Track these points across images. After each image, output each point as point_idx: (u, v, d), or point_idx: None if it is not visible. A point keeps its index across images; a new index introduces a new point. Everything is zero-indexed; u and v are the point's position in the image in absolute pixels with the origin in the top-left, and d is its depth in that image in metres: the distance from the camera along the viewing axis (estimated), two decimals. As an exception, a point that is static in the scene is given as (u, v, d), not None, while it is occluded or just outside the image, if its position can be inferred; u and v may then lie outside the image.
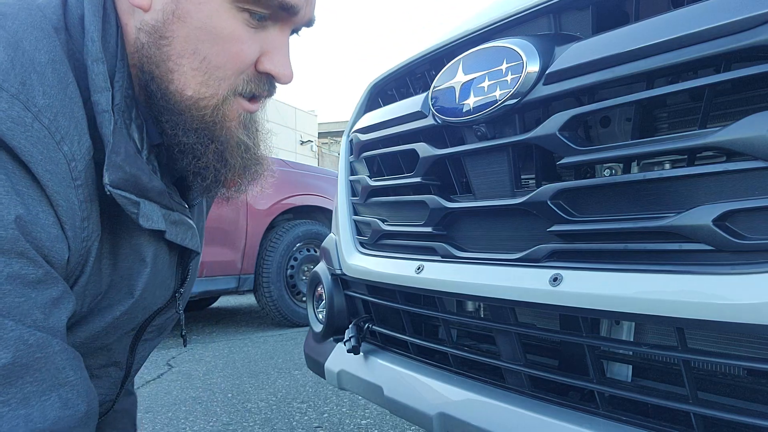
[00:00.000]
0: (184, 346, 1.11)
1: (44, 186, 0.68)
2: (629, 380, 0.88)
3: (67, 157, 0.71)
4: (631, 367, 0.88)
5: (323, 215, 4.64)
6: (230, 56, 0.80)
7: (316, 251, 4.47)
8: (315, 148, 30.88)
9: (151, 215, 0.81)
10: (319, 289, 1.48)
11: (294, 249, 4.38)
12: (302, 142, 29.41)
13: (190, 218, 0.93)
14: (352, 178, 1.39)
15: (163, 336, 1.07)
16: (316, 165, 19.21)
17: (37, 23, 0.74)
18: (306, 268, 4.43)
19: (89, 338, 0.85)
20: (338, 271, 1.36)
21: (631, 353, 0.86)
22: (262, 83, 0.86)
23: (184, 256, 0.96)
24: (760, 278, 0.64)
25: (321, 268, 1.48)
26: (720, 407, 0.70)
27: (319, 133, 32.67)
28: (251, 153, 0.91)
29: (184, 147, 0.84)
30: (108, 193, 0.74)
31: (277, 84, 0.87)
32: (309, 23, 0.87)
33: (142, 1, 0.78)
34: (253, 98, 0.87)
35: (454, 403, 1.00)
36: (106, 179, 0.73)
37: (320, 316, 1.43)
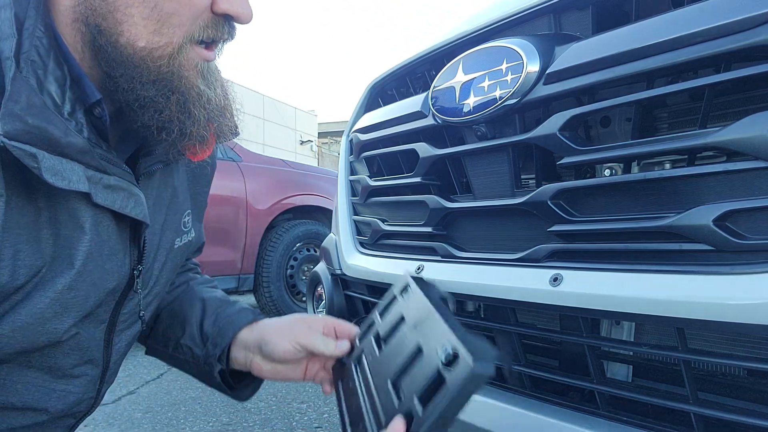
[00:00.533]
0: (142, 326, 0.98)
1: None
2: (629, 380, 0.88)
3: None
4: (631, 367, 0.88)
5: (323, 215, 4.63)
6: (183, 1, 0.76)
7: (316, 251, 4.47)
8: (315, 148, 30.89)
9: (63, 172, 0.73)
10: (319, 289, 1.48)
11: (294, 249, 4.38)
12: (302, 142, 29.42)
13: (135, 185, 0.85)
14: (352, 178, 1.39)
15: (139, 324, 0.98)
16: (316, 165, 19.23)
17: None
18: (306, 268, 4.42)
19: (36, 320, 0.78)
20: (338, 271, 1.36)
21: (631, 353, 0.86)
22: (221, 26, 0.80)
23: (137, 229, 0.88)
24: (760, 278, 0.64)
25: (321, 268, 1.48)
26: (720, 407, 0.70)
27: (319, 133, 32.69)
28: (213, 104, 0.84)
29: (144, 101, 0.79)
30: (1, 144, 0.67)
31: (236, 25, 0.82)
32: None
33: None
34: (209, 45, 0.82)
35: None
36: None
37: (320, 316, 1.43)
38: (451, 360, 0.64)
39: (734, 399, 0.77)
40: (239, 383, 1.07)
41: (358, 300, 1.34)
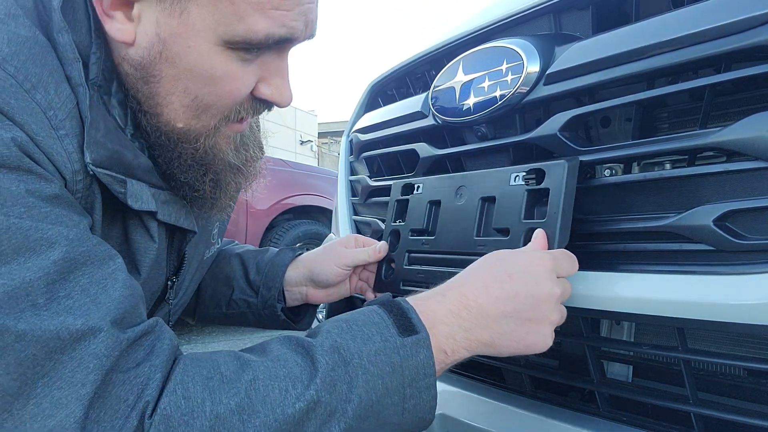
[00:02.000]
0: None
1: (27, 131, 0.64)
2: (629, 380, 0.88)
3: (41, 106, 0.66)
4: (631, 367, 0.88)
5: (323, 215, 4.63)
6: (223, 95, 0.76)
7: (315, 251, 4.46)
8: (315, 148, 30.90)
9: (140, 195, 0.76)
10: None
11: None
12: (302, 142, 29.43)
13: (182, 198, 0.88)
14: (352, 178, 1.39)
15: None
16: (316, 165, 19.23)
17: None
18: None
19: None
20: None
21: (631, 353, 0.86)
22: (259, 108, 0.82)
23: (175, 238, 0.91)
24: (760, 278, 0.64)
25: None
26: (720, 407, 0.70)
27: (319, 133, 32.70)
28: (242, 173, 0.88)
29: (180, 182, 0.82)
30: (91, 173, 0.70)
31: (282, 106, 0.82)
32: (309, 38, 0.81)
33: (125, 36, 0.73)
34: (242, 118, 0.83)
35: (455, 404, 1.00)
36: (87, 158, 0.69)
37: (320, 316, 1.43)
38: (536, 175, 0.80)
39: (734, 399, 0.77)
40: (296, 316, 1.15)
41: (358, 300, 1.34)
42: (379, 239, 1.24)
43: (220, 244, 1.13)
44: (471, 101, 0.92)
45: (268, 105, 0.81)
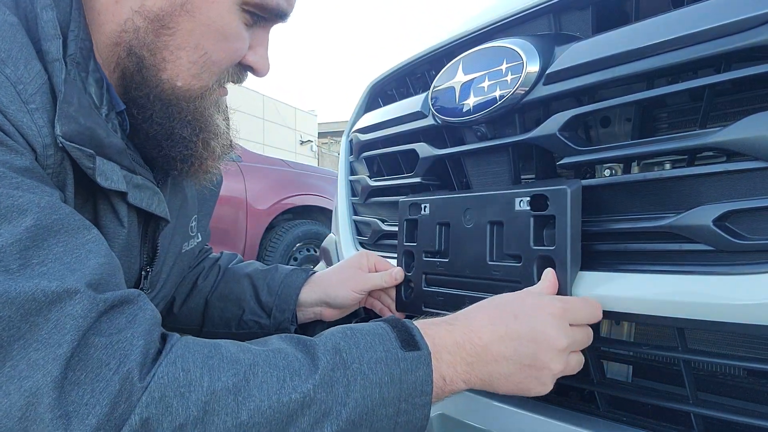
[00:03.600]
0: None
1: None
2: (629, 380, 0.88)
3: (11, 80, 0.66)
4: (631, 367, 0.88)
5: (323, 215, 4.63)
6: (230, 53, 0.81)
7: (316, 251, 4.46)
8: (315, 148, 30.90)
9: (110, 174, 0.75)
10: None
11: (294, 249, 4.38)
12: (302, 142, 29.43)
13: (154, 183, 0.87)
14: (351, 178, 1.39)
15: None
16: (316, 165, 19.24)
17: None
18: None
19: None
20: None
21: (631, 354, 0.86)
22: (241, 74, 0.87)
23: (149, 228, 0.90)
24: (760, 278, 0.64)
25: (321, 268, 1.48)
26: (720, 407, 0.70)
27: (319, 133, 32.70)
28: (224, 137, 0.91)
29: (177, 138, 0.83)
30: (60, 145, 0.69)
31: (260, 76, 0.89)
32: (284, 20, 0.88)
33: None
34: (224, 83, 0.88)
35: (454, 404, 1.00)
36: (57, 130, 0.68)
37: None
38: (541, 201, 0.80)
39: (734, 399, 0.77)
40: (306, 331, 1.16)
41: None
42: (379, 238, 1.25)
43: (201, 240, 1.12)
44: (471, 101, 0.92)
45: (246, 73, 0.87)
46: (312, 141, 30.62)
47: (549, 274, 0.78)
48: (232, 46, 0.81)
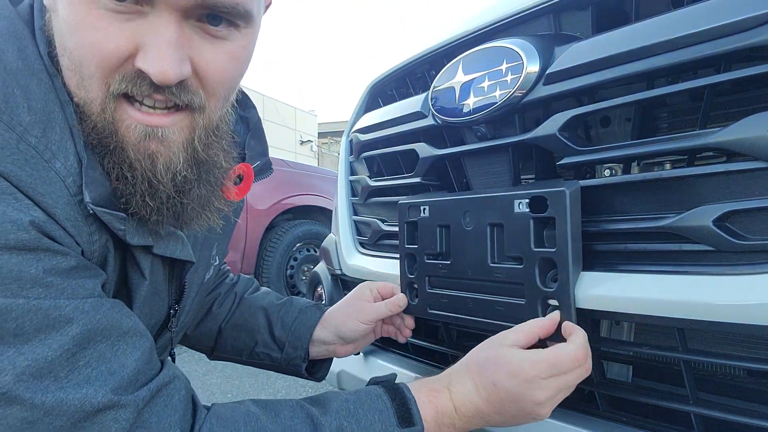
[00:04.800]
0: (173, 362, 1.07)
1: (41, 205, 0.65)
2: (629, 381, 0.88)
3: (60, 175, 0.67)
4: (631, 367, 0.88)
5: (323, 215, 4.63)
6: (88, 48, 0.66)
7: (315, 251, 4.46)
8: (315, 148, 30.90)
9: (137, 231, 0.76)
10: (318, 289, 1.48)
11: (294, 249, 4.37)
12: (302, 142, 29.42)
13: (178, 228, 0.85)
14: (351, 178, 1.39)
15: (165, 358, 1.04)
16: (316, 165, 19.23)
17: (18, 31, 0.70)
18: (306, 268, 4.42)
19: None
20: (338, 271, 1.36)
21: (631, 354, 0.86)
22: (139, 82, 0.68)
23: (176, 268, 0.90)
24: (760, 279, 0.64)
25: (321, 268, 1.48)
26: (720, 407, 0.70)
27: (319, 133, 32.69)
28: (157, 183, 0.73)
29: (114, 175, 0.73)
30: (91, 212, 0.69)
31: (157, 82, 0.68)
32: (219, 5, 0.68)
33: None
34: (168, 108, 0.72)
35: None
36: (86, 197, 0.68)
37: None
38: (540, 203, 0.80)
39: (734, 399, 0.77)
40: (314, 366, 1.19)
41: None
42: (379, 238, 1.25)
43: (218, 262, 1.12)
44: (471, 101, 0.92)
45: (149, 81, 0.68)
46: (312, 141, 30.61)
47: (550, 318, 0.80)
48: (86, 38, 0.66)
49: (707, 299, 0.67)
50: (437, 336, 1.16)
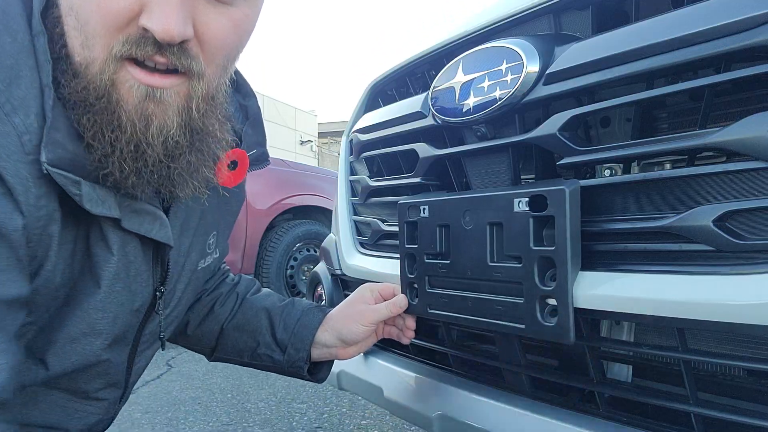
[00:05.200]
0: (162, 349, 1.06)
1: None
2: (629, 381, 0.88)
3: (18, 130, 0.66)
4: (631, 367, 0.88)
5: (323, 215, 4.64)
6: (94, 6, 0.67)
7: (316, 251, 4.47)
8: (315, 148, 30.90)
9: (101, 200, 0.74)
10: (318, 289, 1.48)
11: (294, 249, 4.38)
12: (302, 142, 29.44)
13: (160, 208, 0.85)
14: (351, 178, 1.39)
15: (158, 344, 1.03)
16: (316, 165, 19.21)
17: None
18: (306, 268, 4.43)
19: (66, 339, 0.81)
20: (338, 272, 1.36)
21: (630, 354, 0.86)
22: (144, 43, 0.68)
23: (160, 249, 0.88)
24: (760, 279, 0.63)
25: (321, 268, 1.48)
26: (720, 407, 0.70)
27: (319, 133, 32.70)
28: (174, 140, 0.74)
29: (91, 136, 0.72)
30: (45, 172, 0.67)
31: (162, 42, 0.68)
32: None
33: None
34: (167, 72, 0.72)
35: (455, 404, 1.00)
36: (42, 157, 0.66)
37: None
38: (540, 201, 0.80)
39: (734, 399, 0.77)
40: (315, 368, 1.18)
41: (354, 284, 1.34)
42: (379, 238, 1.25)
43: (219, 256, 1.12)
44: (471, 101, 0.92)
45: (155, 42, 0.68)
46: (312, 141, 30.62)
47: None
48: None
49: (707, 299, 0.67)
50: (438, 336, 1.16)
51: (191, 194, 0.83)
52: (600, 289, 0.77)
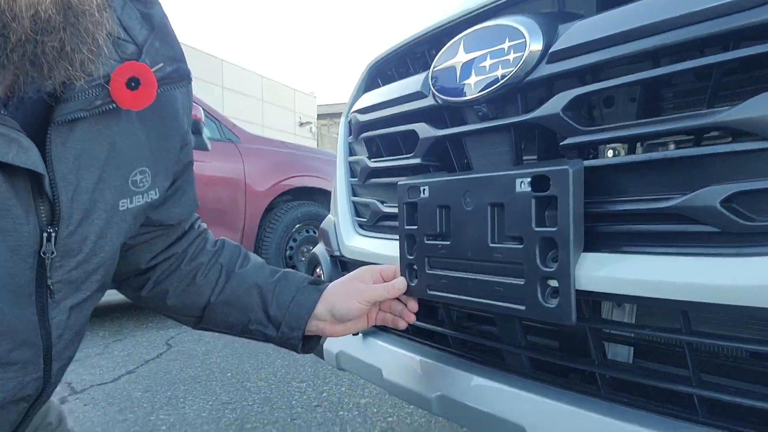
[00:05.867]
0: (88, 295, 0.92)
1: None
2: (630, 362, 0.88)
3: None
4: (632, 348, 0.88)
5: (322, 197, 4.63)
6: None
7: (315, 232, 4.47)
8: (314, 130, 30.78)
9: None
10: (317, 270, 1.47)
11: (293, 230, 4.38)
12: (301, 124, 29.31)
13: (18, 130, 0.74)
14: (350, 159, 1.38)
15: (91, 293, 0.92)
16: (316, 147, 19.17)
17: None
18: (305, 249, 4.44)
19: None
20: (337, 253, 1.36)
21: (632, 335, 0.86)
22: None
23: (40, 184, 0.79)
24: (766, 260, 0.63)
25: (320, 249, 1.47)
26: (723, 389, 0.70)
27: (318, 114, 32.54)
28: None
29: None
30: None
31: None
32: None
33: None
34: None
35: (454, 385, 1.00)
36: None
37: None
38: (542, 181, 0.79)
39: (737, 381, 0.76)
40: (305, 341, 1.13)
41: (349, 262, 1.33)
42: (378, 220, 1.24)
43: (159, 197, 0.99)
44: (472, 81, 0.91)
45: None
46: (311, 123, 30.50)
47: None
48: None
49: (712, 281, 0.66)
50: (437, 317, 1.16)
51: (63, 79, 0.74)
52: (603, 271, 0.76)
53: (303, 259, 4.41)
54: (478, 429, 0.95)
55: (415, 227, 1.00)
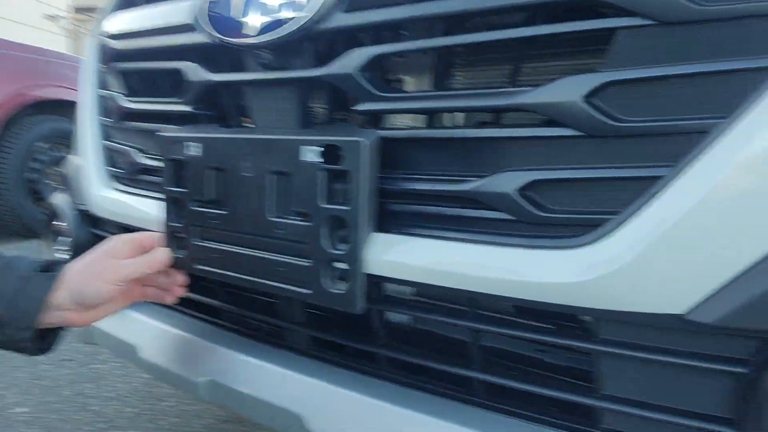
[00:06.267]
0: None
1: None
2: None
3: None
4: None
5: (74, 111, 4.06)
6: None
7: (64, 153, 3.92)
8: (70, 26, 26.94)
9: None
10: (59, 224, 1.22)
11: (36, 150, 3.82)
12: (50, 17, 25.41)
13: None
14: (101, 92, 1.13)
15: None
16: (69, 49, 16.90)
17: None
18: (54, 173, 3.89)
19: None
20: (84, 207, 1.12)
21: (416, 320, 0.82)
22: None
23: None
24: (556, 254, 0.60)
25: (63, 199, 1.21)
26: (504, 375, 0.69)
27: (76, 8, 28.42)
28: None
29: None
30: None
31: None
32: None
33: None
34: None
35: (224, 366, 0.89)
36: None
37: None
38: (333, 152, 0.70)
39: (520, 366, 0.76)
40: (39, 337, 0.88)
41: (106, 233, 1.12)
42: (136, 172, 1.03)
43: None
44: (256, 20, 0.75)
45: None
46: (65, 17, 26.62)
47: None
48: None
49: (500, 274, 0.63)
50: (211, 288, 1.02)
51: None
52: (392, 255, 0.69)
53: (50, 182, 3.87)
54: (254, 417, 0.86)
55: (183, 190, 0.84)
